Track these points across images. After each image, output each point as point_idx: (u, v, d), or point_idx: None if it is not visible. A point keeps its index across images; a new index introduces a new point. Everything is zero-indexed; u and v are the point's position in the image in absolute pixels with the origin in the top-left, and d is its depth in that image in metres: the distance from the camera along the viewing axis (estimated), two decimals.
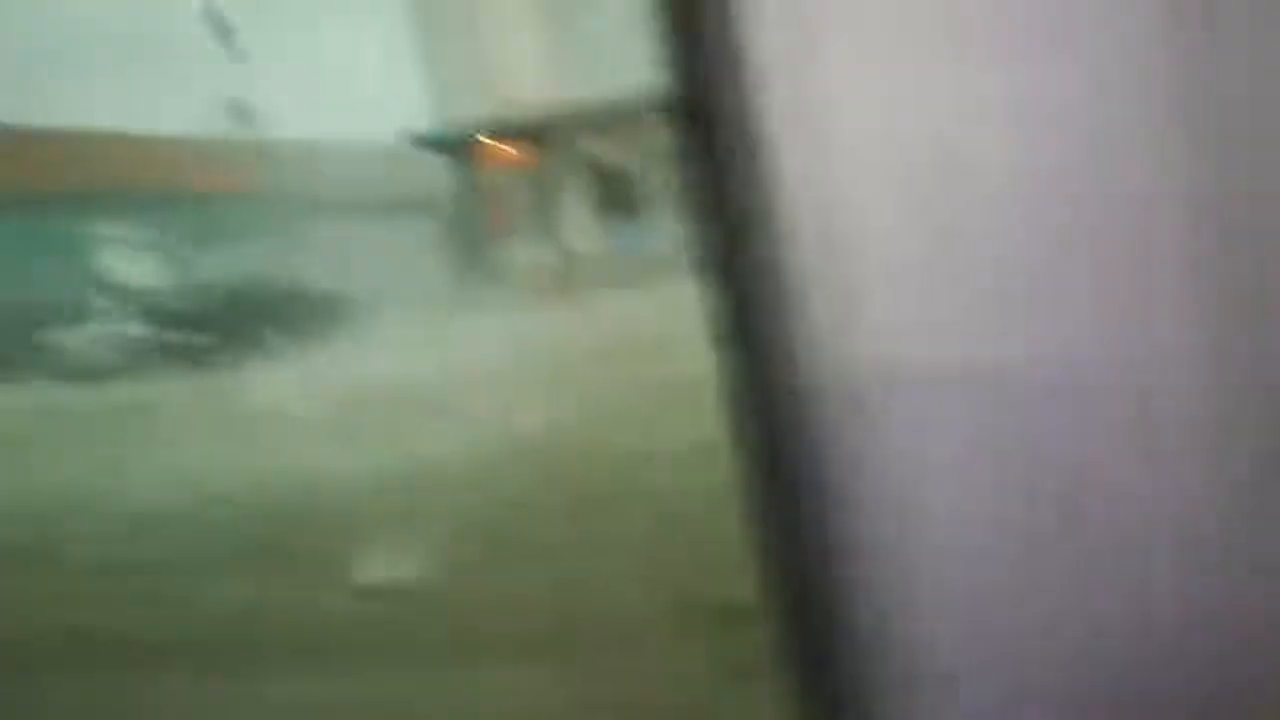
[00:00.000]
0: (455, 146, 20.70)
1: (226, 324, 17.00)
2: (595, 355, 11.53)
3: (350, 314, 19.04)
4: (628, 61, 19.31)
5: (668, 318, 13.31)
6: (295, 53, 36.48)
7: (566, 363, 10.93)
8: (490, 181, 21.56)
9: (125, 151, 25.89)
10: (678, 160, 1.21)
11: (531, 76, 19.66)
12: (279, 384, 12.99)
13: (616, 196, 20.95)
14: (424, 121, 20.56)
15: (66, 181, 22.81)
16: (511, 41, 19.78)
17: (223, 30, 25.84)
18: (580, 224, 20.58)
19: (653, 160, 20.19)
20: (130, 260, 23.74)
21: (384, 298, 19.71)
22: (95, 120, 25.93)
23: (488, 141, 20.94)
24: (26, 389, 16.12)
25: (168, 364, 16.74)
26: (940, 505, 1.14)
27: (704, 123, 1.16)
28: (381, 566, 5.18)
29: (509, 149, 21.07)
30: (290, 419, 10.19)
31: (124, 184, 24.04)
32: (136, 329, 17.77)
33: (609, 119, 19.29)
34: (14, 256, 20.72)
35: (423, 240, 21.70)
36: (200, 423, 11.18)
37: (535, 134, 20.12)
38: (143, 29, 28.47)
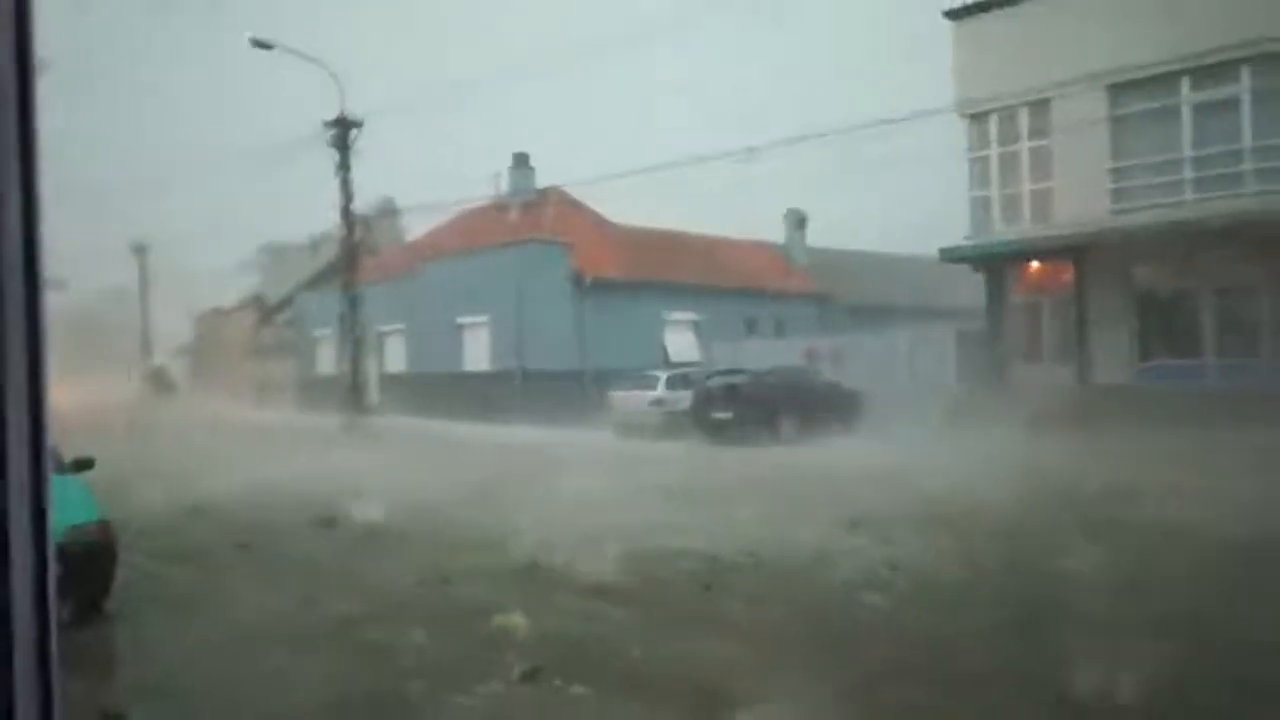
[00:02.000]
0: (992, 263, 20.69)
1: (748, 405, 19.02)
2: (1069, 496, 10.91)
3: (863, 411, 20.07)
4: (1192, 184, 17.93)
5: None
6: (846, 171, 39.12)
7: (1073, 500, 10.52)
8: (1025, 301, 21.09)
9: (709, 251, 30.38)
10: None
11: (1082, 197, 18.98)
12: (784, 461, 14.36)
13: (1167, 327, 19.09)
14: (965, 236, 20.91)
15: (661, 273, 27.48)
16: (1068, 163, 19.36)
17: None
18: (1116, 354, 19.09)
19: (1227, 293, 18.12)
20: (688, 342, 27.82)
21: (898, 401, 20.39)
22: (689, 224, 31.08)
23: (1025, 260, 20.59)
24: (586, 434, 20.09)
25: (696, 431, 19.43)
26: None
27: None
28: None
29: (1047, 269, 20.45)
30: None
31: (703, 277, 28.22)
32: (677, 399, 20.72)
33: (1164, 245, 17.81)
34: (610, 331, 25.53)
35: (948, 352, 21.91)
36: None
37: (1079, 256, 19.29)
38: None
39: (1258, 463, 11.63)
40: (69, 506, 6.61)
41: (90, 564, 6.31)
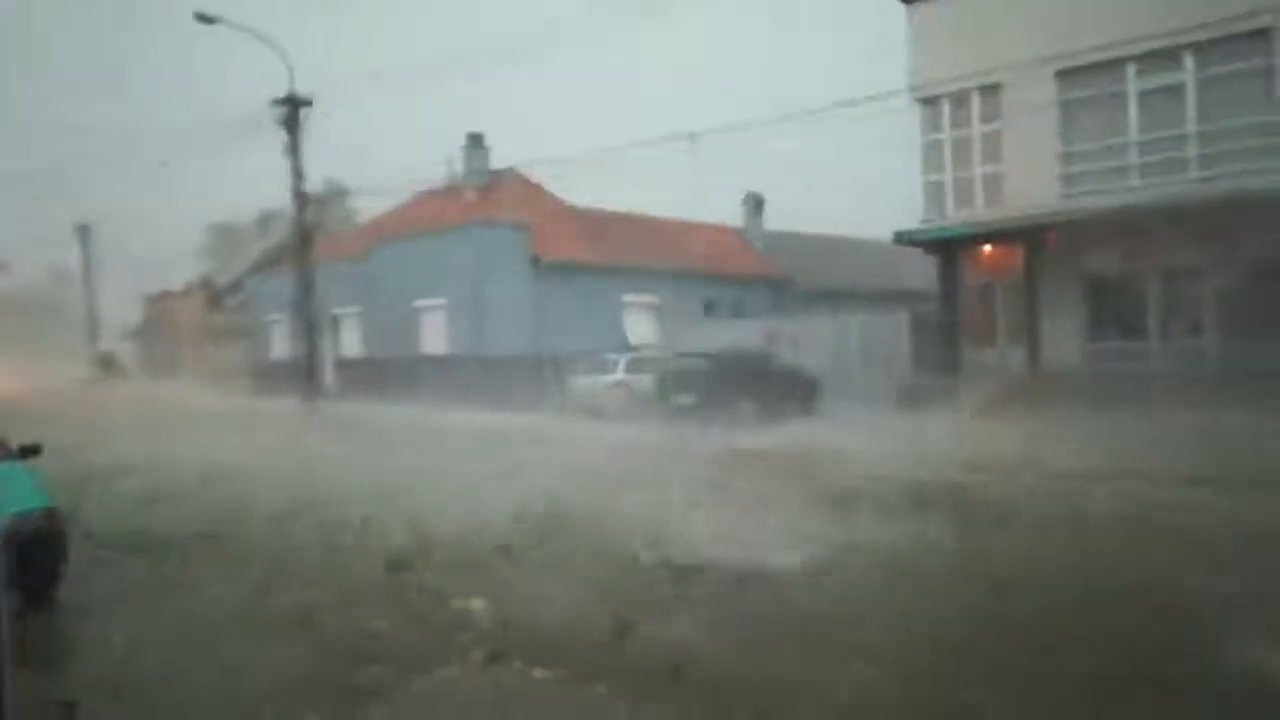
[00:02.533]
0: (945, 246, 20.97)
1: (710, 388, 19.11)
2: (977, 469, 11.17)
3: (819, 395, 20.30)
4: (1139, 170, 18.34)
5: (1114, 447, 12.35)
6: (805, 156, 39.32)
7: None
8: (976, 284, 21.42)
9: (668, 234, 30.40)
10: None
11: (1031, 181, 19.31)
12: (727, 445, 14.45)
13: (1115, 311, 19.54)
14: (918, 220, 21.15)
15: (620, 256, 27.45)
16: (1018, 147, 19.67)
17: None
18: (1066, 337, 19.51)
19: (1172, 276, 18.58)
20: (647, 325, 27.86)
21: (852, 384, 20.67)
22: (645, 208, 31.03)
23: (978, 244, 20.90)
24: (543, 419, 20.09)
25: (654, 414, 19.48)
26: None
27: None
28: None
29: (999, 253, 20.79)
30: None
31: (662, 261, 28.21)
32: (637, 382, 20.77)
33: (1112, 229, 18.20)
34: (568, 314, 25.47)
35: (901, 335, 22.20)
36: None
37: (1029, 240, 19.64)
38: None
39: (1161, 444, 12.05)
40: (15, 494, 6.49)
41: (38, 551, 6.21)
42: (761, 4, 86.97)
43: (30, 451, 7.21)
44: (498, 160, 30.64)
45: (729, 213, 34.44)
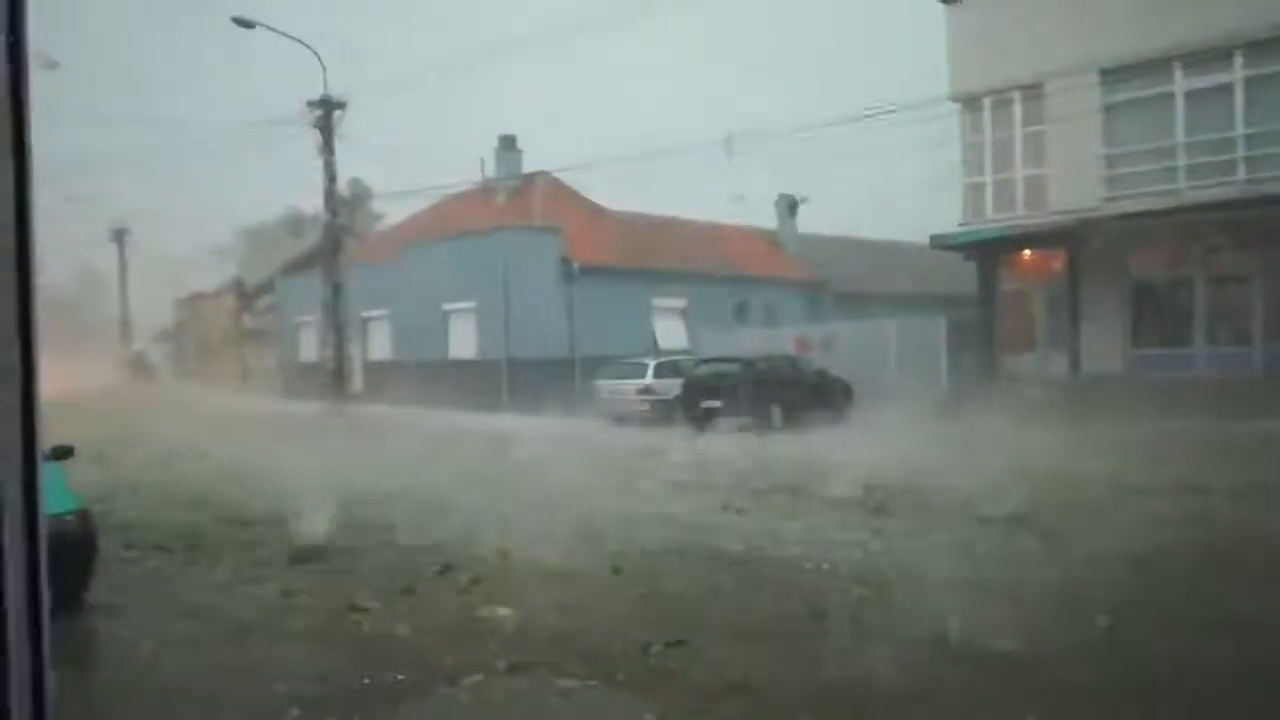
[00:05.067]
0: (983, 250, 20.60)
1: (738, 394, 18.83)
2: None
3: (852, 401, 19.98)
4: (1185, 172, 17.88)
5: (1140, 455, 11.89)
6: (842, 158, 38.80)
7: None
8: (1017, 289, 21.03)
9: (700, 237, 30.15)
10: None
11: (1074, 184, 18.91)
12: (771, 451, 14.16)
13: (1160, 316, 19.09)
14: (959, 223, 20.79)
15: (650, 260, 27.24)
16: (1060, 149, 19.27)
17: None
18: (1109, 343, 19.07)
19: (1219, 282, 18.11)
20: (677, 329, 27.61)
21: (887, 390, 20.27)
22: (678, 209, 30.82)
23: (1018, 248, 20.52)
24: (574, 422, 19.87)
25: (684, 419, 19.21)
26: None
27: None
28: None
29: (1039, 257, 20.41)
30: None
31: (693, 264, 27.98)
32: (666, 387, 20.49)
33: (1157, 232, 17.77)
34: (598, 318, 25.27)
35: (938, 341, 21.80)
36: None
37: (1071, 244, 19.23)
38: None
39: (1211, 454, 11.60)
40: (47, 495, 6.36)
41: (69, 554, 6.07)
42: (796, 3, 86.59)
43: (63, 453, 7.09)
44: (529, 162, 30.59)
45: (763, 215, 34.14)
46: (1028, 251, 20.59)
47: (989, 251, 20.58)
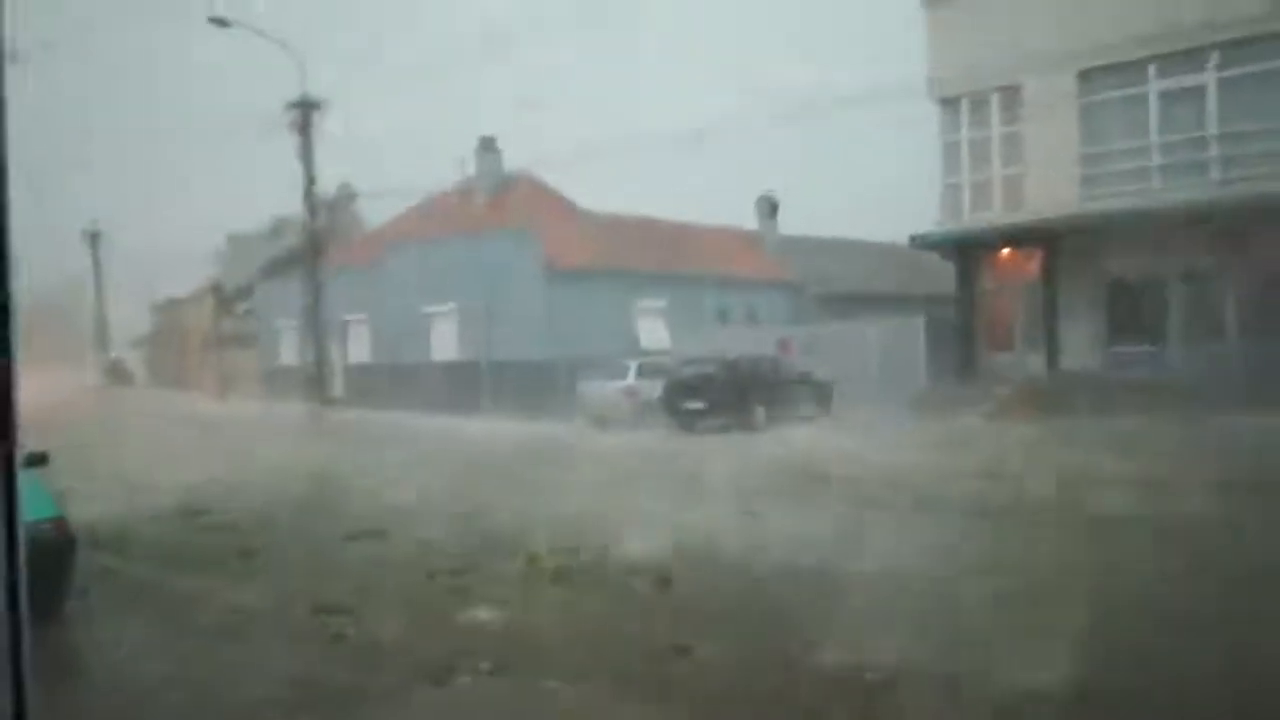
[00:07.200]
0: (962, 249, 20.73)
1: (721, 395, 18.87)
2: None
3: (832, 400, 20.05)
4: (1160, 172, 18.08)
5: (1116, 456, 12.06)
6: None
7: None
8: (996, 288, 21.18)
9: (681, 238, 30.16)
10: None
11: (1051, 184, 19.06)
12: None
13: (1136, 315, 19.26)
14: (935, 223, 20.89)
15: (632, 261, 27.21)
16: (1037, 149, 19.42)
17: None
18: (1085, 341, 19.23)
19: (1193, 280, 18.30)
20: (659, 330, 27.60)
21: (867, 390, 20.36)
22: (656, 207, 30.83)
23: (996, 247, 20.66)
24: (559, 426, 19.82)
25: (667, 420, 19.25)
26: None
27: None
28: None
29: (1017, 256, 20.55)
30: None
31: (674, 265, 27.96)
32: (648, 388, 20.49)
33: (1133, 232, 17.94)
34: (580, 320, 25.19)
35: (917, 340, 21.92)
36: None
37: (1049, 243, 19.39)
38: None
39: (1199, 450, 11.72)
40: (24, 503, 6.27)
41: (46, 563, 5.99)
42: (777, 2, 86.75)
43: (37, 460, 6.99)
44: (508, 161, 30.45)
45: (743, 216, 34.14)
46: (1006, 251, 20.74)
47: (967, 251, 20.73)
